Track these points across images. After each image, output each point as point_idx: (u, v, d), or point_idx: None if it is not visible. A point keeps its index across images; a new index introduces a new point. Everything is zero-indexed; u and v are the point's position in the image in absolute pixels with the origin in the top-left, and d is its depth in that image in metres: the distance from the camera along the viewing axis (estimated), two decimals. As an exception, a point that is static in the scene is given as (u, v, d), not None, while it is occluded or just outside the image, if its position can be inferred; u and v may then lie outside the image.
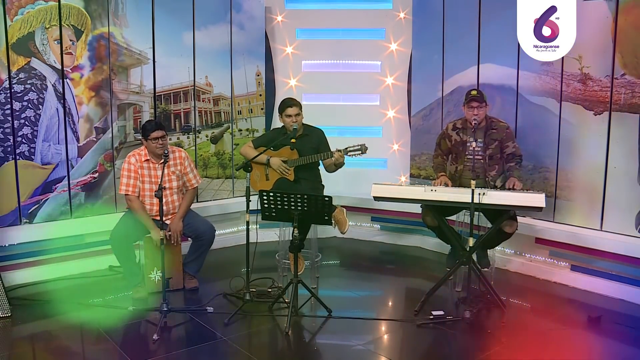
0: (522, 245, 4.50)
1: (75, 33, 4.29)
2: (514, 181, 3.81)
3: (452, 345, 3.32)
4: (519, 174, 3.94)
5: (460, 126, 4.14)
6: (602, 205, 4.14)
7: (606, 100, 4.06)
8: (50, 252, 4.25)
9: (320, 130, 4.35)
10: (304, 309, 3.67)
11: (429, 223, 4.07)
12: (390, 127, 5.58)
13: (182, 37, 4.89)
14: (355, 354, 3.22)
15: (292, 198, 3.44)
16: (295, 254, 3.69)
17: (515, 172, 3.93)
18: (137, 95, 4.68)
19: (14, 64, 4.05)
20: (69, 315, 3.58)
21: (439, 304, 3.72)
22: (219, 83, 5.17)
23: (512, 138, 4.06)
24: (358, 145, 4.04)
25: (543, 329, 3.46)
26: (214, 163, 5.23)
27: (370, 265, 4.88)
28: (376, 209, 5.29)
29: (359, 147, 4.03)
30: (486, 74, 4.71)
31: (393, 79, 5.50)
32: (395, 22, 5.42)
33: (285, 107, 4.18)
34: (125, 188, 3.90)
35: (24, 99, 4.11)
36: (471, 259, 3.60)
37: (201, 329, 3.42)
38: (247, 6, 5.27)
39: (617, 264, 3.96)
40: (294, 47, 5.56)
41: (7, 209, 4.11)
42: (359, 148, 4.03)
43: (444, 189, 3.73)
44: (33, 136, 4.18)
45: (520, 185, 3.77)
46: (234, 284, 3.98)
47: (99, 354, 3.17)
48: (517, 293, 4.08)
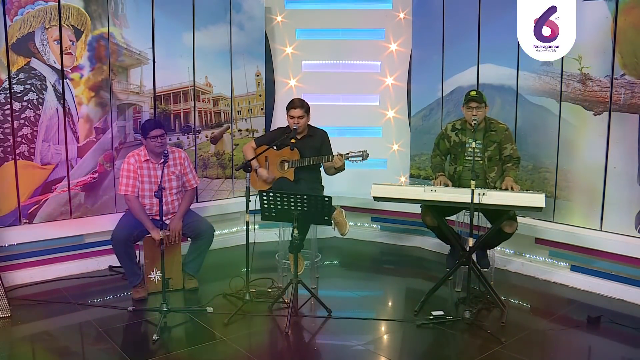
0: (521, 246, 4.50)
1: (75, 33, 4.29)
2: (509, 182, 3.80)
3: (452, 346, 3.32)
4: (515, 174, 3.93)
5: (459, 127, 4.14)
6: (601, 205, 4.14)
7: (606, 101, 4.06)
8: (50, 252, 4.25)
9: (324, 131, 4.35)
10: (304, 309, 3.68)
11: (429, 223, 4.07)
12: (390, 128, 5.58)
13: (182, 37, 4.89)
14: (355, 354, 3.22)
15: (292, 198, 3.45)
16: (295, 254, 3.70)
17: (512, 172, 3.92)
18: (136, 95, 4.68)
19: (14, 64, 4.05)
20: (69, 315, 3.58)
21: (439, 304, 3.72)
22: (218, 83, 5.17)
23: (510, 140, 4.06)
24: (360, 152, 4.04)
25: (543, 329, 3.46)
26: (213, 163, 5.23)
27: (370, 266, 4.88)
28: (376, 209, 5.29)
29: (361, 153, 4.03)
30: (486, 74, 4.72)
31: (393, 79, 5.51)
32: (395, 22, 5.42)
33: (289, 108, 4.19)
34: (124, 188, 3.91)
35: (23, 99, 4.11)
36: (471, 259, 3.59)
37: (201, 329, 3.43)
38: (247, 6, 5.27)
39: (617, 264, 3.96)
40: (294, 47, 5.56)
41: (6, 209, 4.11)
42: (361, 154, 4.03)
43: (443, 189, 3.73)
44: (33, 136, 4.18)
45: (517, 188, 3.76)
46: (234, 284, 3.98)
47: (99, 354, 3.16)
48: (517, 293, 4.08)
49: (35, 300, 3.80)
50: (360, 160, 4.05)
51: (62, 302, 3.78)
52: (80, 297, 3.86)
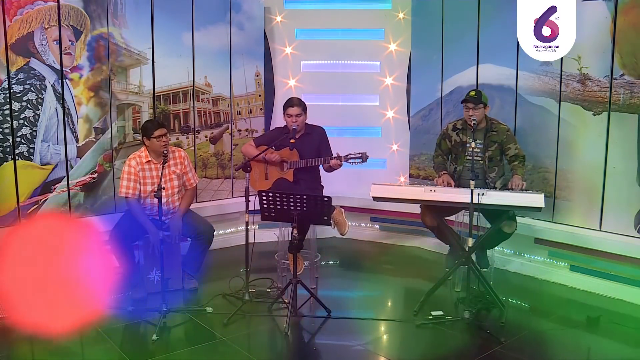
0: (521, 246, 4.50)
1: (75, 33, 4.28)
2: (517, 180, 3.80)
3: (452, 346, 3.32)
4: (522, 172, 3.94)
5: (460, 127, 4.14)
6: (601, 205, 4.14)
7: (605, 101, 4.06)
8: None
9: (321, 128, 4.35)
10: (303, 310, 3.67)
11: (428, 223, 4.07)
12: (389, 128, 5.57)
13: (182, 37, 4.89)
14: (354, 354, 3.22)
15: (292, 198, 3.44)
16: (294, 254, 3.69)
17: (519, 170, 3.93)
18: (136, 95, 4.68)
19: (13, 64, 4.04)
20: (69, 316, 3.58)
21: (438, 304, 3.71)
22: (218, 83, 5.16)
23: (513, 140, 4.06)
24: (359, 154, 4.05)
25: (542, 329, 3.47)
26: (213, 163, 5.23)
27: (369, 266, 4.88)
28: (375, 209, 5.29)
29: (360, 155, 4.05)
30: (485, 74, 4.71)
31: (392, 79, 5.50)
32: (394, 22, 5.42)
33: (287, 107, 4.19)
34: (125, 190, 3.90)
35: (23, 99, 4.10)
36: (470, 259, 3.60)
37: (200, 329, 3.42)
38: (247, 6, 5.26)
39: (616, 264, 3.96)
40: (293, 47, 5.56)
41: (6, 209, 4.11)
42: (360, 156, 4.05)
43: (443, 189, 3.73)
44: (32, 136, 4.18)
45: (523, 185, 3.77)
46: (233, 284, 3.98)
47: (98, 354, 3.16)
48: (517, 293, 4.08)
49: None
50: (360, 162, 4.06)
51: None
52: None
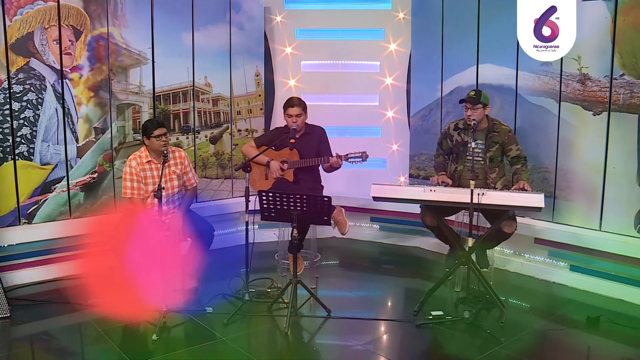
0: (521, 246, 4.50)
1: (75, 33, 4.29)
2: (523, 184, 3.78)
3: (452, 346, 3.32)
4: (527, 176, 3.93)
5: (461, 126, 4.14)
6: (601, 205, 4.14)
7: (605, 101, 4.06)
8: (49, 253, 4.25)
9: (321, 128, 4.35)
10: (303, 309, 3.67)
11: (428, 223, 4.07)
12: (389, 128, 5.58)
13: (182, 37, 4.89)
14: (354, 354, 3.22)
15: (291, 198, 3.44)
16: (294, 254, 3.70)
17: (524, 174, 3.91)
18: (136, 95, 4.68)
19: (13, 64, 4.04)
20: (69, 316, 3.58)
21: (438, 304, 3.72)
22: (218, 83, 5.17)
23: (515, 141, 4.05)
24: (359, 153, 4.05)
25: (542, 329, 3.47)
26: (213, 163, 5.23)
27: (369, 266, 4.88)
28: (375, 209, 5.29)
29: (360, 154, 4.05)
30: (485, 74, 4.72)
31: (392, 79, 5.50)
32: (394, 22, 5.42)
33: (287, 107, 4.19)
34: (130, 192, 3.89)
35: (23, 99, 4.11)
36: (470, 259, 3.59)
37: (200, 329, 3.42)
38: (246, 6, 5.27)
39: (616, 264, 3.96)
40: (293, 47, 5.56)
41: (6, 209, 4.11)
42: (360, 156, 4.05)
43: (443, 189, 3.73)
44: (32, 136, 4.18)
45: (530, 188, 3.75)
46: (233, 284, 3.98)
47: (98, 354, 3.16)
48: (517, 293, 4.08)
49: (35, 300, 3.80)
50: (360, 162, 4.06)
51: (61, 302, 3.78)
52: (80, 297, 3.86)
